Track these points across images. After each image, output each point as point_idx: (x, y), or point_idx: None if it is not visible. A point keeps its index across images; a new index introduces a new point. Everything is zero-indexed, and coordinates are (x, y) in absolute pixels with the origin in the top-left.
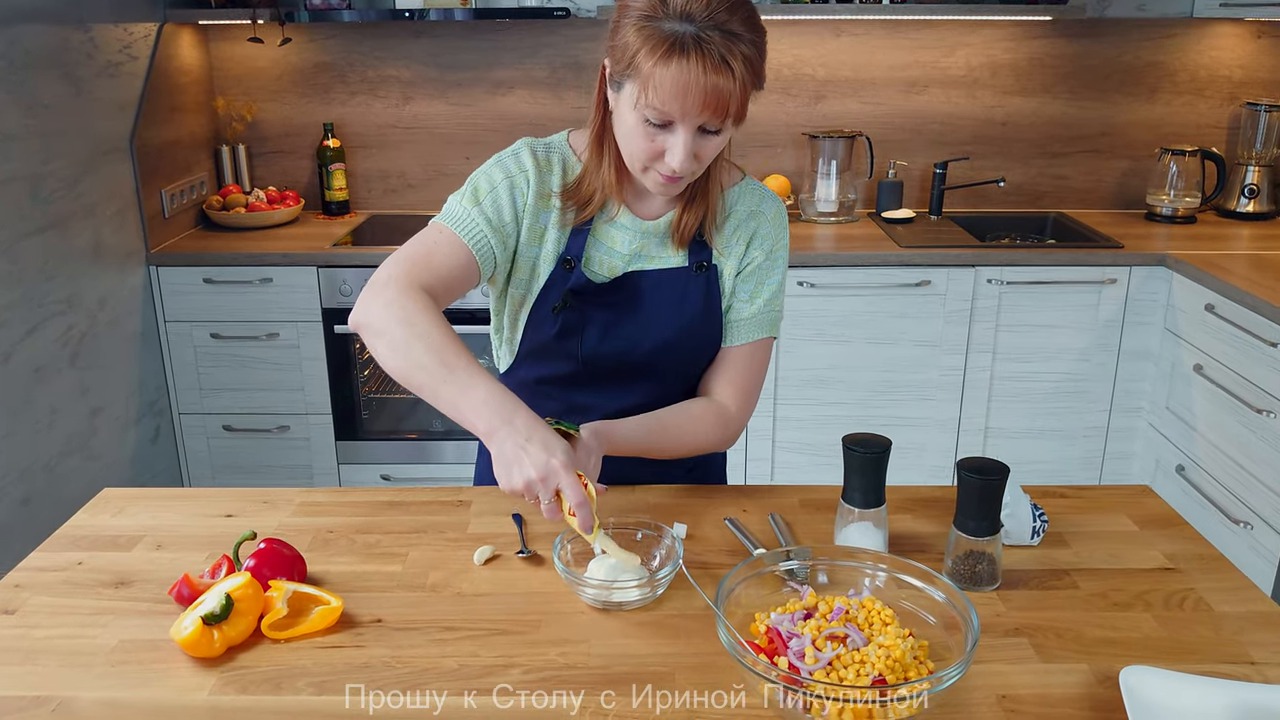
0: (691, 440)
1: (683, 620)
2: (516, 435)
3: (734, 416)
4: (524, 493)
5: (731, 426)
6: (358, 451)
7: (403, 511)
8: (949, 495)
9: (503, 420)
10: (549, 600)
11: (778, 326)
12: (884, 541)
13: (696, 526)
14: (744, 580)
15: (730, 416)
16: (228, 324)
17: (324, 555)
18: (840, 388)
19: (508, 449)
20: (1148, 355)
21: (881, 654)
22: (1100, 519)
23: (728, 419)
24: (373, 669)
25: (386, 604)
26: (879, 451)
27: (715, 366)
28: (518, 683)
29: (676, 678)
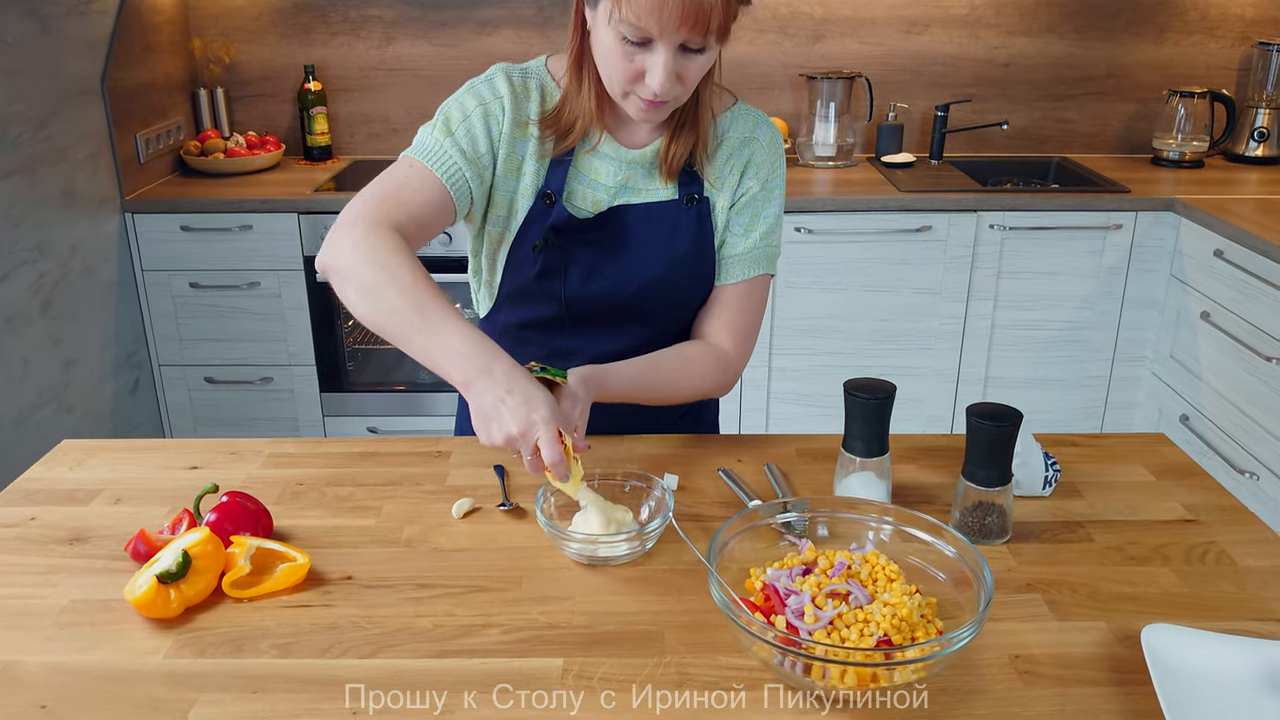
0: (687, 385)
1: (673, 576)
2: (496, 387)
3: (731, 360)
4: (504, 447)
5: (729, 370)
6: (343, 404)
7: (378, 463)
8: (955, 444)
9: (480, 370)
10: (531, 555)
11: (775, 263)
12: (887, 492)
13: (688, 478)
14: (738, 534)
15: (728, 360)
16: (207, 273)
17: (292, 509)
18: (837, 337)
19: (486, 402)
20: (1152, 303)
21: (887, 612)
22: (1114, 468)
23: (725, 362)
24: (341, 629)
25: (357, 560)
26: (882, 397)
27: (709, 307)
28: (496, 644)
29: (666, 638)
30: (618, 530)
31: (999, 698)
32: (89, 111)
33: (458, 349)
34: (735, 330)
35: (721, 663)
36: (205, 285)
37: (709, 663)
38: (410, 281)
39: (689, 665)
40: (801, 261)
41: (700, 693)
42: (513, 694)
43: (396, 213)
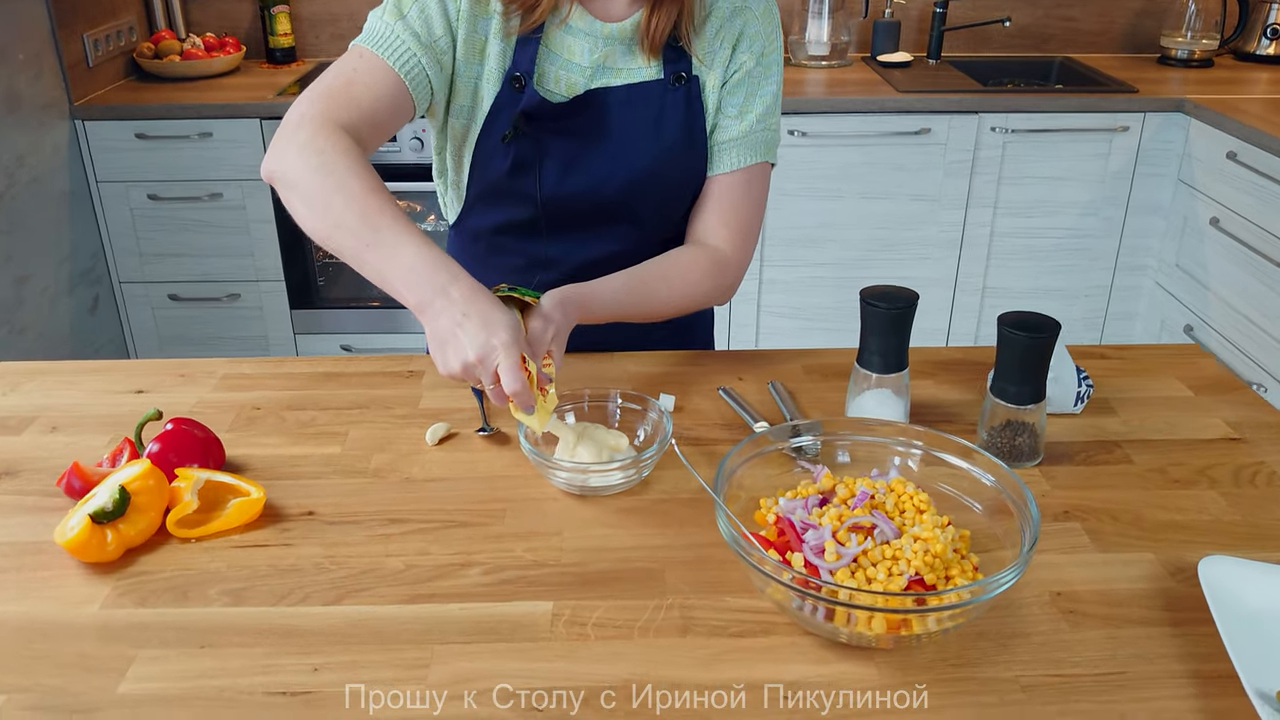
0: (682, 295)
1: (673, 506)
2: (452, 309)
3: (730, 261)
4: (463, 377)
5: (729, 273)
6: (315, 321)
7: (343, 384)
8: (975, 357)
9: (436, 290)
10: (514, 485)
11: (775, 150)
12: (905, 412)
13: (685, 398)
14: (746, 460)
15: (726, 261)
16: (166, 184)
17: (247, 436)
18: (831, 247)
19: (442, 325)
20: (1158, 209)
21: (918, 549)
22: (1149, 382)
23: (723, 264)
24: (301, 572)
25: (320, 493)
26: (903, 306)
27: (702, 203)
28: (477, 586)
29: (667, 576)
30: (611, 458)
31: (1042, 642)
32: (28, 8)
33: (411, 265)
34: (732, 227)
35: (730, 605)
36: (165, 197)
37: (715, 604)
38: (360, 190)
39: (694, 608)
40: (794, 167)
41: (707, 639)
42: (496, 643)
43: (346, 111)
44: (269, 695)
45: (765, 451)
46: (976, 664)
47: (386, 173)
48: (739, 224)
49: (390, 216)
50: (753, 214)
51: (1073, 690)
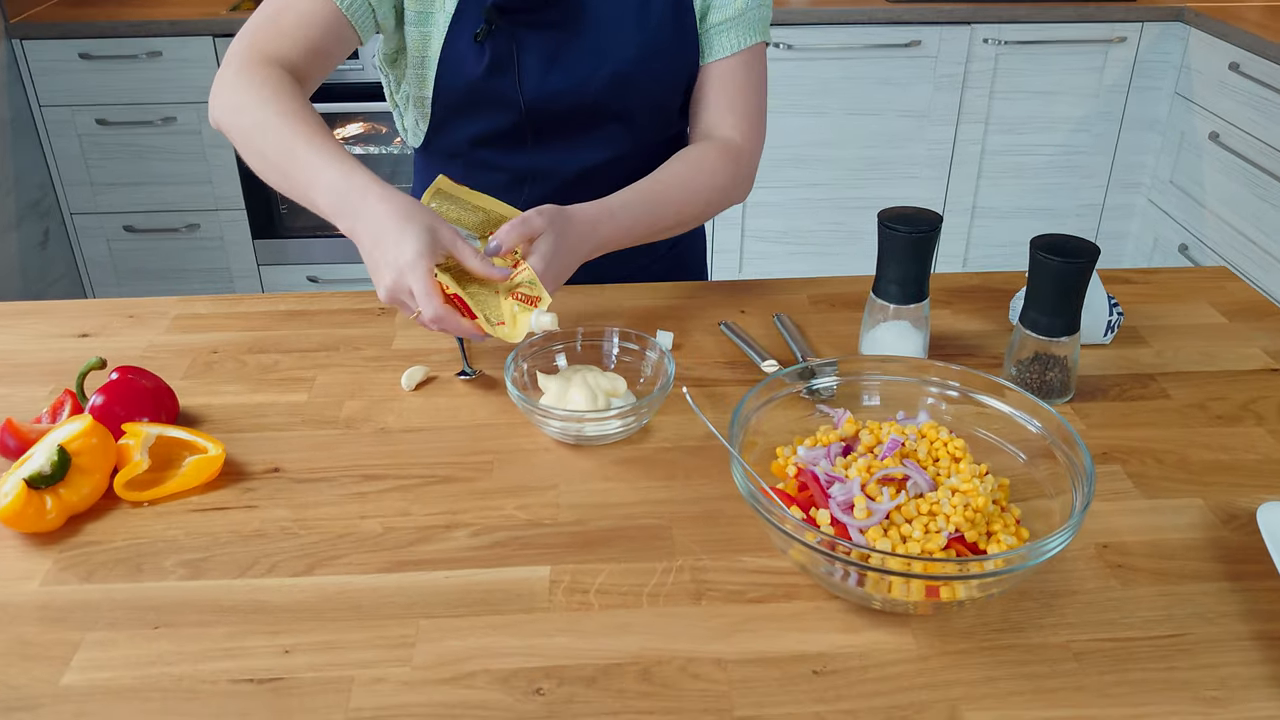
0: (702, 196)
1: (678, 455)
2: (369, 230)
3: (743, 150)
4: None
5: (744, 163)
6: (280, 251)
7: (309, 323)
8: (995, 283)
9: (353, 213)
10: (501, 435)
11: (769, 29)
12: (924, 345)
13: (684, 334)
14: (761, 406)
15: (740, 150)
16: (114, 107)
17: (204, 384)
18: (817, 166)
19: (365, 250)
20: (1154, 124)
21: (957, 502)
22: (1178, 309)
23: (737, 154)
24: (268, 538)
25: (286, 447)
26: (926, 230)
27: (702, 94)
28: (465, 551)
29: (675, 535)
30: (608, 404)
31: (1091, 601)
32: None
33: (328, 187)
34: (739, 113)
35: (747, 565)
36: (114, 122)
37: (731, 566)
38: (277, 120)
39: (707, 570)
40: (778, 82)
41: (723, 606)
42: (488, 616)
43: (275, 43)
44: (234, 683)
45: (779, 395)
46: (1022, 628)
47: (349, 93)
48: (746, 109)
49: (307, 141)
50: (758, 97)
51: (1129, 656)
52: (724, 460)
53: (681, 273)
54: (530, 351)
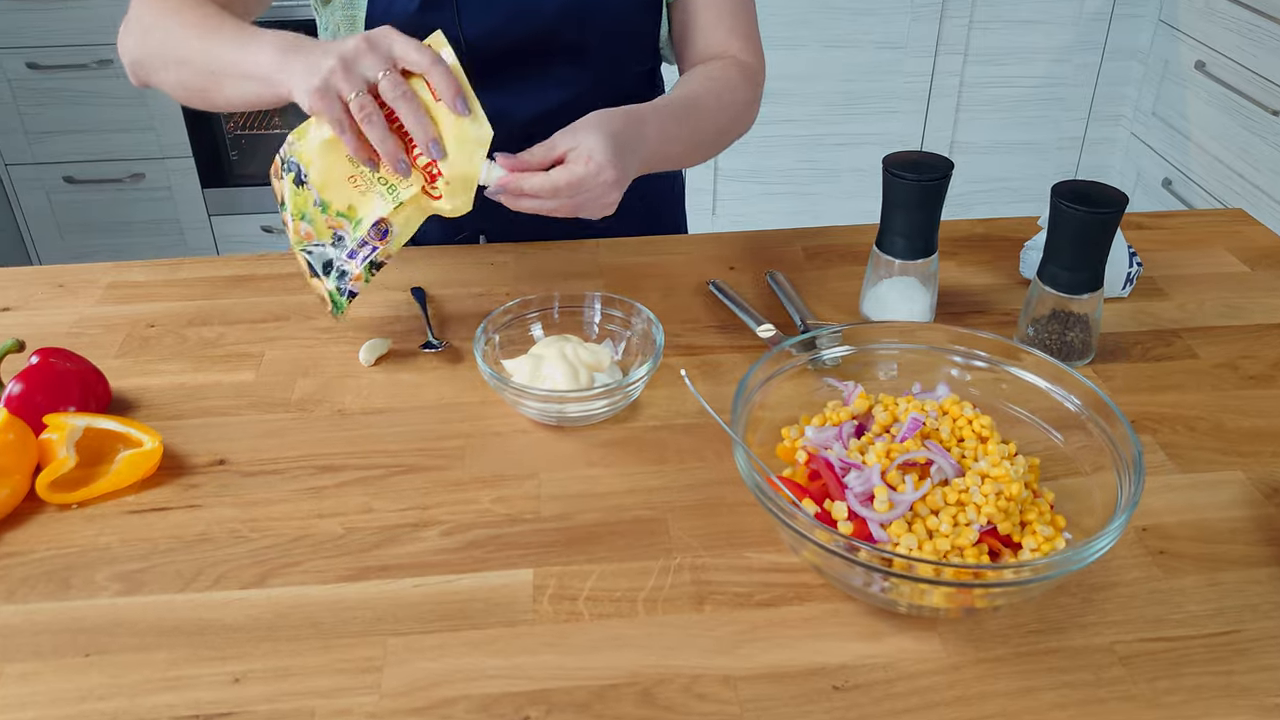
0: (732, 107)
1: (669, 435)
2: (313, 49)
3: (755, 68)
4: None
5: (758, 82)
6: (231, 200)
7: (255, 289)
8: (1002, 230)
9: (288, 47)
10: (473, 415)
11: None
12: (932, 304)
13: (669, 294)
14: (763, 383)
15: (751, 69)
16: (45, 50)
17: (139, 364)
18: (790, 102)
19: (305, 61)
20: (1135, 53)
21: (988, 490)
22: (1194, 256)
23: (751, 72)
24: (214, 544)
25: (232, 435)
26: (936, 178)
27: (692, 19)
28: (436, 553)
29: (671, 528)
30: (591, 380)
31: (1134, 594)
32: None
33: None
34: (740, 33)
35: (752, 563)
36: (46, 65)
37: (735, 563)
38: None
39: (708, 569)
40: None
41: (730, 612)
42: (465, 631)
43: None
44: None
45: (785, 369)
46: (1062, 629)
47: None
48: (746, 29)
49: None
50: (753, 14)
51: (1181, 659)
52: (721, 439)
53: (656, 225)
54: (503, 321)
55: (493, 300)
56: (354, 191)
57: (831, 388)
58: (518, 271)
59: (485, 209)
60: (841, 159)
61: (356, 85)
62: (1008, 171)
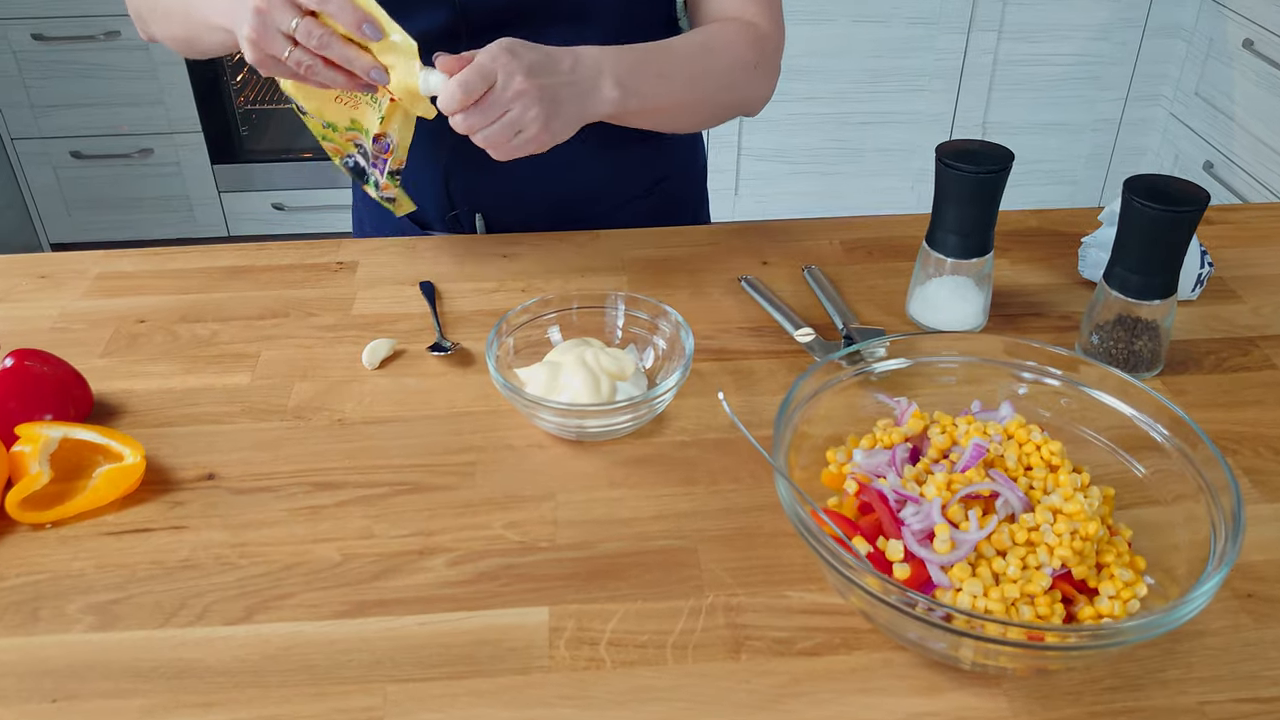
0: (727, 67)
1: (699, 452)
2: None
3: (769, 35)
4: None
5: (770, 50)
6: (241, 177)
7: (253, 282)
8: (1056, 224)
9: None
10: (486, 426)
11: None
12: (985, 306)
13: (696, 292)
14: (809, 399)
15: (765, 34)
16: (51, 20)
17: (125, 364)
18: (817, 79)
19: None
20: (1178, 31)
21: (1063, 529)
22: (1268, 255)
23: (762, 38)
24: (199, 571)
25: (223, 446)
26: (994, 169)
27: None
28: (442, 586)
29: (702, 559)
30: (613, 390)
31: (1223, 646)
32: None
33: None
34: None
35: (793, 603)
36: (52, 37)
37: (774, 603)
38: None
39: (744, 610)
40: None
41: (768, 660)
42: (473, 679)
43: None
44: None
45: (832, 384)
46: (1141, 686)
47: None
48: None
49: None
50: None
51: None
52: (757, 456)
53: (676, 213)
54: (518, 323)
55: (506, 296)
56: (347, 109)
57: (880, 403)
58: (532, 264)
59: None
60: (867, 138)
61: (282, 43)
62: (1040, 153)
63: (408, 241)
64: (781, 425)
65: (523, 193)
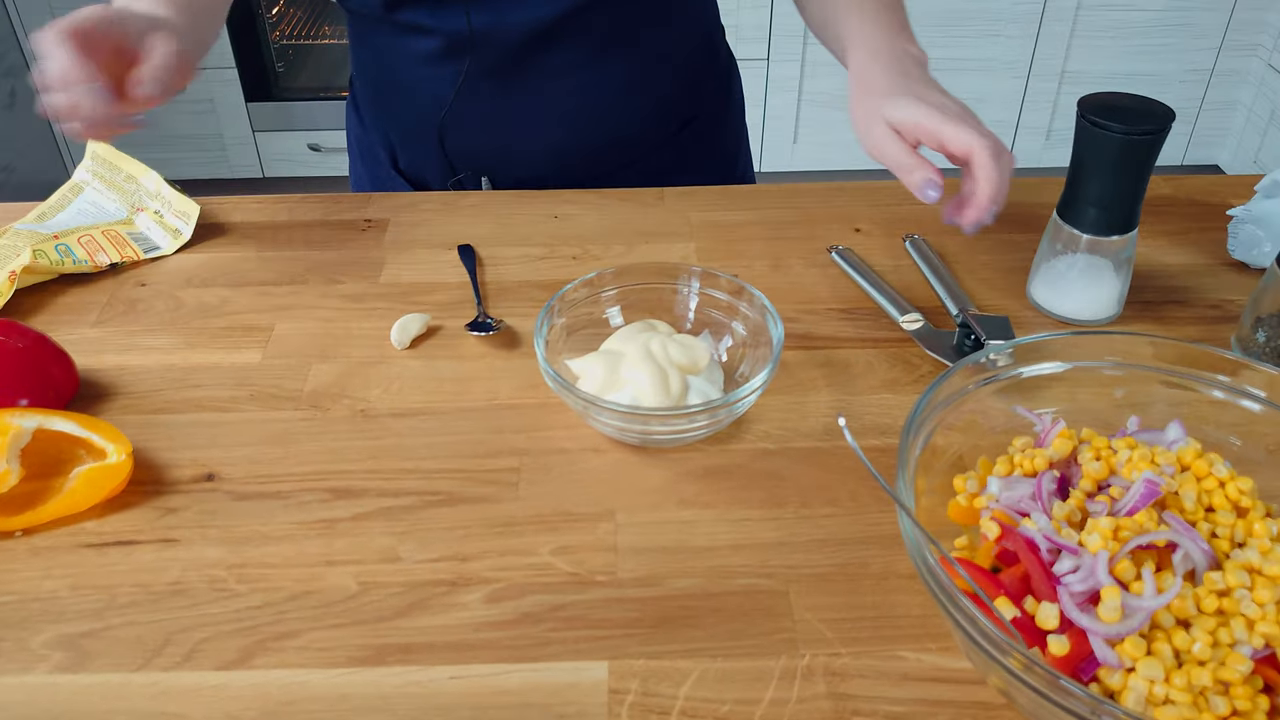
0: None
1: (786, 463)
2: None
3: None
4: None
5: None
6: (276, 116)
7: (273, 240)
8: (1198, 191)
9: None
10: (532, 423)
11: None
12: (1122, 293)
13: (777, 264)
14: (942, 409)
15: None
16: None
17: (120, 335)
18: None
19: None
20: None
21: (1265, 595)
22: None
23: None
24: (190, 597)
25: (226, 440)
26: (1152, 131)
27: None
28: (478, 627)
29: (795, 606)
30: (684, 388)
31: None
32: None
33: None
34: None
35: (911, 667)
36: None
37: (886, 667)
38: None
39: (849, 675)
40: None
41: None
42: None
43: None
44: None
45: (966, 391)
46: None
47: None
48: None
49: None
50: None
51: None
52: (855, 471)
53: (706, 161)
54: (573, 300)
55: (556, 265)
56: None
57: (1015, 416)
58: (587, 227)
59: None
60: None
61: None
62: None
63: (447, 197)
64: (907, 445)
65: (529, 149)
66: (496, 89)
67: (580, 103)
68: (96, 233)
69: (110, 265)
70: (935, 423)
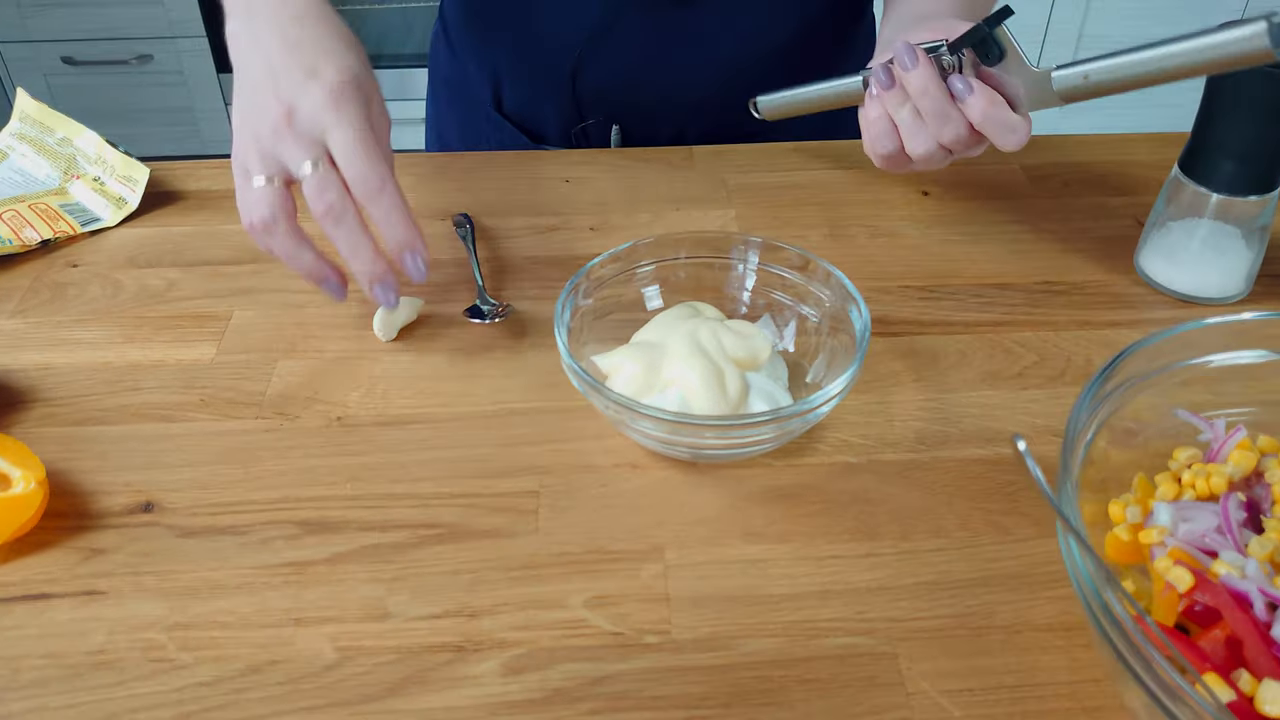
0: None
1: (876, 484)
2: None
3: None
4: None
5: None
6: None
7: (233, 214)
8: None
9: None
10: (553, 432)
11: None
12: (1254, 267)
13: (834, 234)
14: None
15: None
16: None
17: (45, 327)
18: None
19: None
20: None
21: None
22: None
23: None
24: (115, 672)
25: (169, 458)
26: None
27: None
28: (494, 710)
29: (905, 673)
30: (743, 388)
31: None
32: None
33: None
34: None
35: None
36: None
37: None
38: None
39: None
40: None
41: None
42: None
43: None
44: None
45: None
46: None
47: None
48: None
49: None
50: None
51: None
52: (965, 494)
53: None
54: (600, 277)
55: (570, 238)
56: None
57: (1177, 421)
58: (605, 193)
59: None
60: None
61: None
62: None
63: (438, 159)
64: (1069, 457)
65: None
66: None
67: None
68: (23, 206)
69: (41, 243)
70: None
